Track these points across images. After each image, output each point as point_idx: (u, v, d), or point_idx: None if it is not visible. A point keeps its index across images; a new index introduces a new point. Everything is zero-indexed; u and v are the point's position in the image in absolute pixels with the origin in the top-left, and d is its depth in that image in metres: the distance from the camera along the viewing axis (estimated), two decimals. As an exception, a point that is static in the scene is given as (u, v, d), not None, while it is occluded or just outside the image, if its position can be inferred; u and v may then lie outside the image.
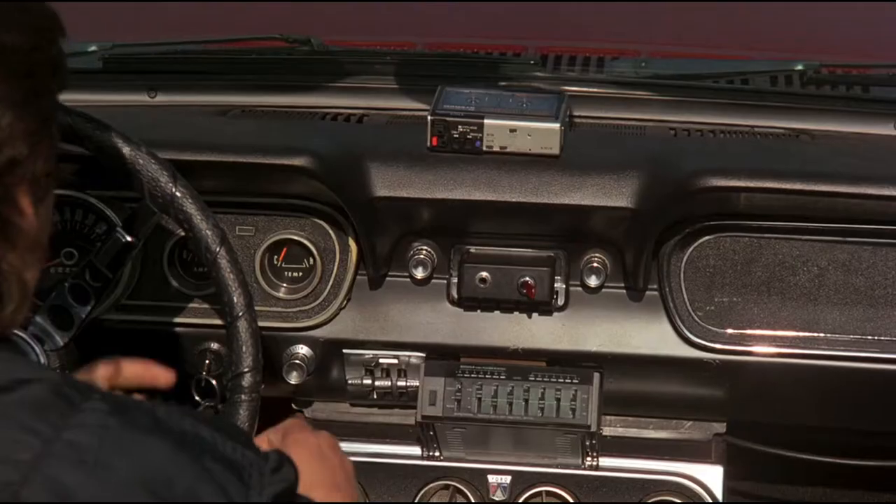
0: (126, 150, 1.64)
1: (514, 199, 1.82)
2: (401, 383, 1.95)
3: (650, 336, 1.92)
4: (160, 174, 1.65)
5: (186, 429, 1.09)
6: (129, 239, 1.73)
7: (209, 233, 1.66)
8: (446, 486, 2.04)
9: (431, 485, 2.04)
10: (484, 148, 1.84)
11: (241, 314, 1.66)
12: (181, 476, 1.05)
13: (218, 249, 1.66)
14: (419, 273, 1.92)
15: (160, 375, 1.63)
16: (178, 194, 1.65)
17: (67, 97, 1.21)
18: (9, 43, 1.08)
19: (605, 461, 2.00)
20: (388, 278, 1.95)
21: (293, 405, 2.06)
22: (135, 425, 1.06)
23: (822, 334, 1.89)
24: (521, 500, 2.02)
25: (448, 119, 1.83)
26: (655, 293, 1.92)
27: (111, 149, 1.64)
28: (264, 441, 1.46)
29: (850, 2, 2.53)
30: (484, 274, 1.89)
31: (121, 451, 1.03)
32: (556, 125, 1.83)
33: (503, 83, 2.03)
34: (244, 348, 1.66)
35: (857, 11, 2.49)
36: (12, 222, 1.09)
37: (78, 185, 1.86)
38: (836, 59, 2.22)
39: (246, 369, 1.66)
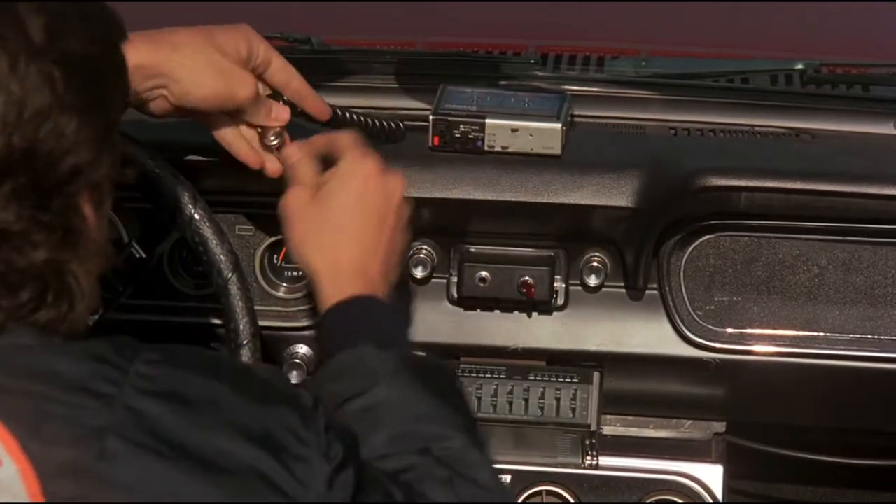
0: (149, 164, 1.63)
1: (514, 199, 1.82)
2: (401, 382, 1.95)
3: (650, 335, 1.92)
4: (181, 194, 1.64)
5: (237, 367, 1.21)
6: (142, 255, 1.72)
7: (223, 258, 1.65)
8: (446, 486, 2.04)
9: (431, 484, 2.04)
10: (486, 148, 1.84)
11: (245, 343, 1.66)
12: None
13: (230, 276, 1.66)
14: (419, 272, 1.92)
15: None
16: (196, 217, 1.64)
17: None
18: (76, 50, 1.08)
19: (605, 460, 2.00)
20: (387, 277, 1.95)
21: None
22: (188, 365, 1.13)
23: (822, 333, 1.89)
24: (521, 500, 2.02)
25: (450, 119, 1.83)
26: (655, 292, 1.92)
27: (132, 163, 1.62)
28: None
29: (850, 1, 2.53)
30: (484, 273, 1.89)
31: (186, 383, 1.11)
32: (558, 125, 1.83)
33: (503, 82, 2.03)
34: None
35: (857, 11, 2.49)
36: (76, 229, 1.11)
37: None
38: (836, 58, 2.22)
39: None
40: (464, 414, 1.38)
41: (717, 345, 1.90)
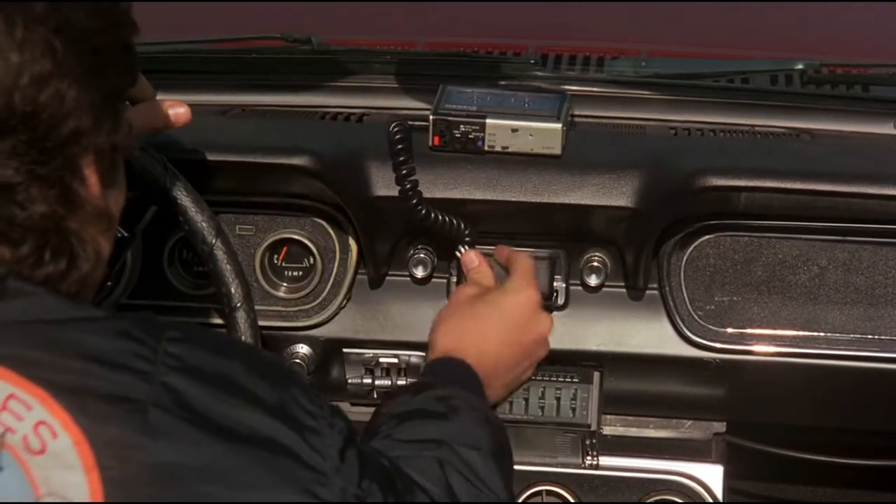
0: None
1: (514, 199, 1.82)
2: (401, 382, 1.95)
3: (650, 335, 1.92)
4: (153, 166, 1.64)
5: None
6: (124, 234, 1.72)
7: (204, 224, 1.66)
8: (446, 486, 2.04)
9: (431, 484, 2.03)
10: (486, 148, 1.84)
11: (238, 305, 1.66)
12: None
13: (214, 241, 1.66)
14: (419, 272, 1.92)
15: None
16: (171, 187, 1.64)
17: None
18: (76, 21, 1.13)
19: (605, 460, 2.00)
20: (388, 278, 1.95)
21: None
22: (205, 344, 1.18)
23: (822, 333, 1.89)
24: (521, 500, 2.02)
25: (450, 119, 1.83)
26: (655, 292, 1.92)
27: None
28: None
29: (850, 1, 2.53)
30: (484, 273, 1.89)
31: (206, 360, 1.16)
32: (558, 125, 1.83)
33: (503, 82, 2.03)
34: (243, 338, 1.66)
35: (857, 11, 2.49)
36: (74, 190, 1.15)
37: None
38: (836, 58, 2.22)
39: None
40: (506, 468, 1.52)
41: (718, 345, 1.90)
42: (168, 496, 1.08)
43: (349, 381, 1.97)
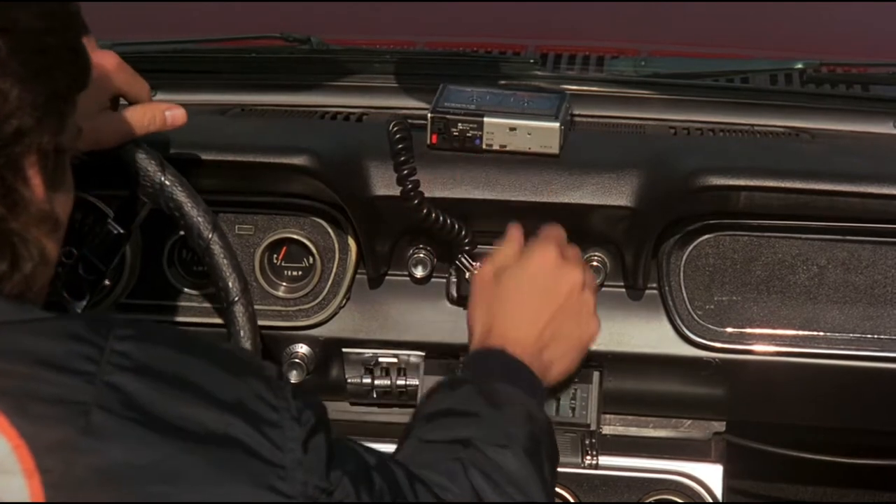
0: None
1: (513, 198, 1.82)
2: (400, 382, 1.95)
3: (650, 335, 1.92)
4: (148, 163, 1.64)
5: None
6: (120, 231, 1.72)
7: (200, 220, 1.66)
8: (446, 486, 2.04)
9: (431, 484, 2.03)
10: (484, 146, 1.84)
11: (236, 299, 1.66)
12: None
13: (210, 236, 1.66)
14: (419, 272, 1.92)
15: None
16: (167, 183, 1.64)
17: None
18: (22, 22, 1.13)
19: (604, 460, 2.00)
20: (387, 277, 1.95)
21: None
22: (161, 340, 1.17)
23: (821, 333, 1.89)
24: (520, 500, 2.02)
25: (448, 117, 1.83)
26: (655, 292, 1.92)
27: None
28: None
29: (850, 1, 2.53)
30: (484, 273, 1.89)
31: (160, 358, 1.14)
32: (556, 124, 1.83)
33: (503, 82, 2.03)
34: (242, 332, 1.66)
35: (857, 11, 2.50)
36: (17, 190, 1.14)
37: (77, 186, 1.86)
38: (836, 57, 2.22)
39: None
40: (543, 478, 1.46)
41: (717, 344, 1.90)
42: (115, 497, 1.07)
43: (349, 380, 1.97)
